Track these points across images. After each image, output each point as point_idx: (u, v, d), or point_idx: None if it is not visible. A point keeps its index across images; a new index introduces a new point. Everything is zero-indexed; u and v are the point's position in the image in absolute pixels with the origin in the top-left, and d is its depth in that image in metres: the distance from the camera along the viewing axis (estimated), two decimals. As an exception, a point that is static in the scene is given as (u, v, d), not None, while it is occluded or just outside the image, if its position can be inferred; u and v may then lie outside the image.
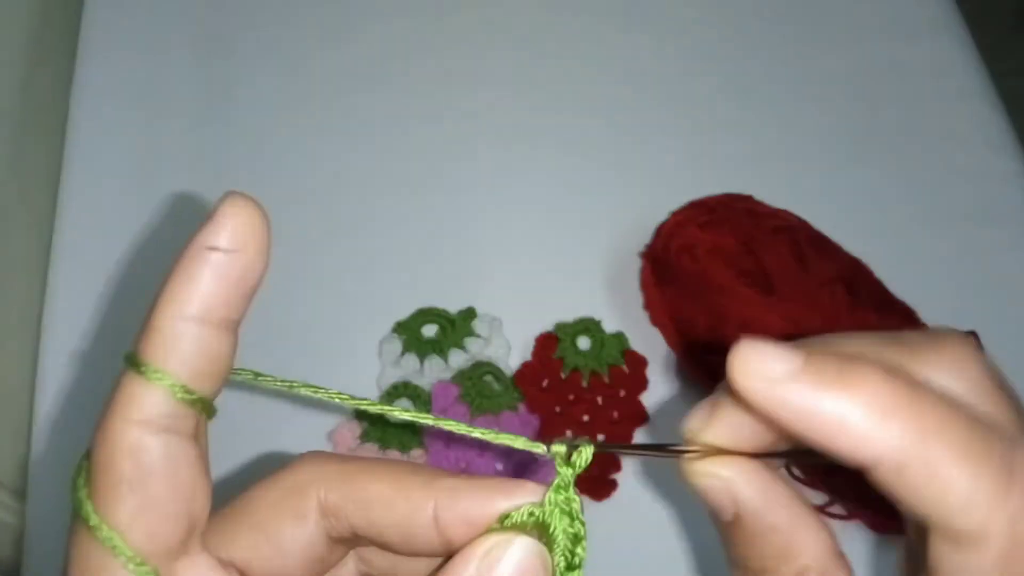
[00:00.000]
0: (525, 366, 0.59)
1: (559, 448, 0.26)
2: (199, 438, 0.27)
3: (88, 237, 0.65)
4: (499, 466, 0.55)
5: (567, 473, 0.26)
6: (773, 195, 0.60)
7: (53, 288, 0.63)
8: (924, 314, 0.57)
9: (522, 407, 0.57)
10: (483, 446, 0.56)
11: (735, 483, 0.26)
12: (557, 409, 0.57)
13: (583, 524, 0.26)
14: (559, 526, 0.25)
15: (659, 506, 0.56)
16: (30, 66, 0.69)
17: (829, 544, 0.26)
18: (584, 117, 0.71)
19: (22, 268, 0.64)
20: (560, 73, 0.73)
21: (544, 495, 0.26)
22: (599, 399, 0.58)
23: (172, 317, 0.26)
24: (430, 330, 0.61)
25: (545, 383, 0.58)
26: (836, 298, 0.54)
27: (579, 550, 0.26)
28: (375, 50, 0.74)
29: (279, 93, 0.72)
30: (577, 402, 0.58)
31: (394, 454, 0.56)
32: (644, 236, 0.62)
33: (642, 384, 0.59)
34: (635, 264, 0.62)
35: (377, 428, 0.57)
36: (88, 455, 0.26)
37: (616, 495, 0.56)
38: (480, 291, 0.62)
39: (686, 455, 0.26)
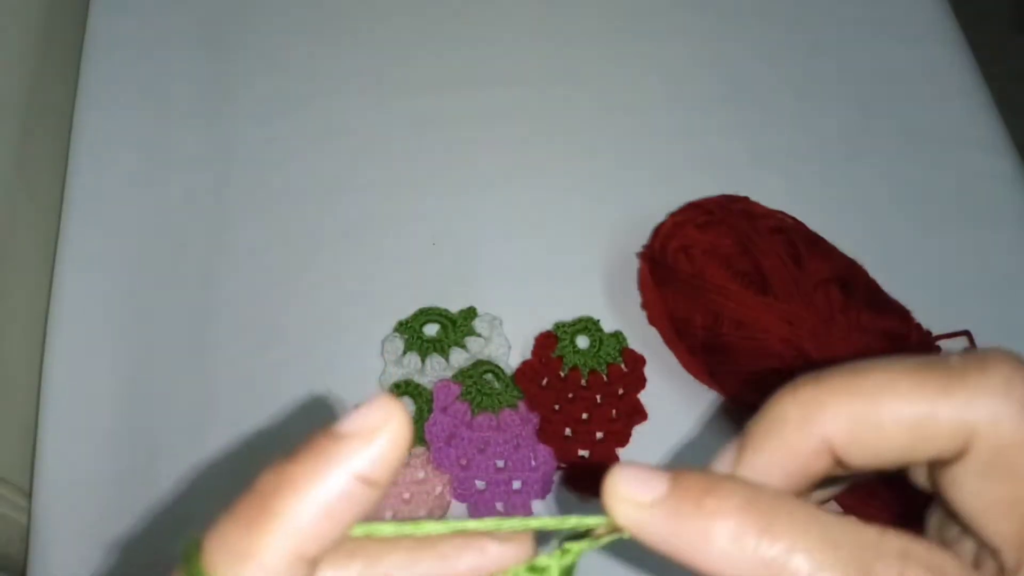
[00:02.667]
0: (525, 365, 0.59)
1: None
2: None
3: (94, 236, 0.66)
4: (500, 463, 0.56)
5: (575, 554, 0.23)
6: (769, 196, 0.61)
7: (59, 287, 0.64)
8: (919, 315, 0.58)
9: (522, 405, 0.58)
10: (484, 443, 0.56)
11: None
12: (556, 407, 0.58)
13: None
14: None
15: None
16: (36, 66, 0.69)
17: None
18: (582, 118, 0.71)
19: (28, 267, 0.65)
20: (559, 75, 0.73)
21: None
22: (598, 397, 0.59)
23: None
24: (431, 329, 0.61)
25: (545, 381, 0.59)
26: (831, 298, 0.54)
27: None
28: (377, 51, 0.74)
29: (283, 92, 0.72)
30: (576, 400, 0.58)
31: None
32: (642, 237, 0.62)
33: (640, 382, 0.60)
34: (633, 264, 0.63)
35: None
36: None
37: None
38: (480, 291, 0.63)
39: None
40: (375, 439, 0.20)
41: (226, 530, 0.20)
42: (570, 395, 0.59)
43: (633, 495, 0.22)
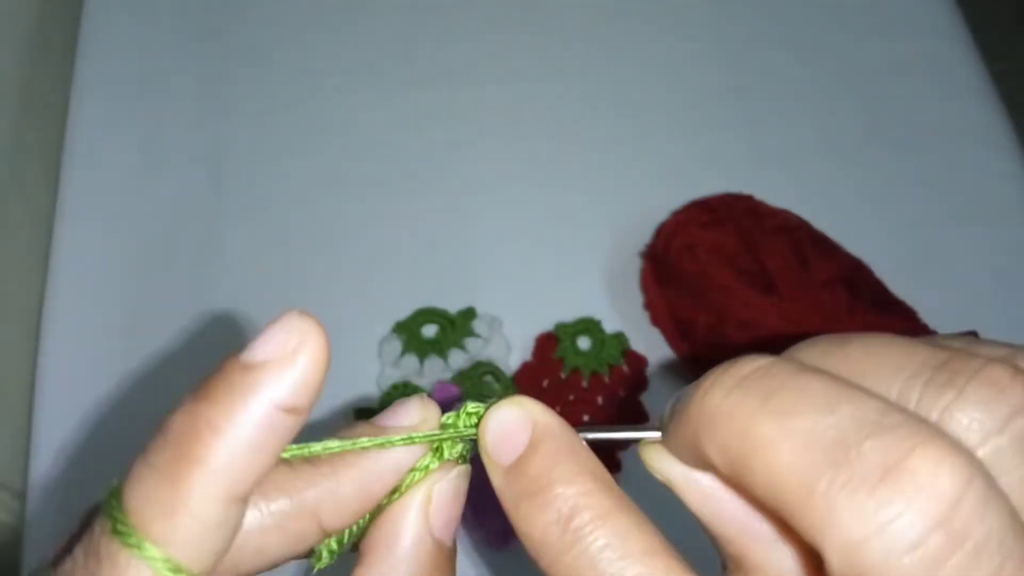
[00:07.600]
0: (525, 366, 0.59)
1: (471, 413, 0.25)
2: None
3: (88, 236, 0.65)
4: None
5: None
6: (774, 195, 0.60)
7: (53, 288, 0.63)
8: (924, 314, 0.57)
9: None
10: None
11: (675, 484, 0.23)
12: (557, 409, 0.57)
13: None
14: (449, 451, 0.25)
15: (660, 510, 0.56)
16: (30, 63, 0.69)
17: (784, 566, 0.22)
18: (585, 116, 0.71)
19: (22, 267, 0.64)
20: (561, 72, 0.72)
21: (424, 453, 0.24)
22: (599, 399, 0.58)
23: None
24: (430, 330, 0.61)
25: (545, 383, 0.58)
26: (836, 298, 0.54)
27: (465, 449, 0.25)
28: (375, 47, 0.74)
29: (279, 89, 0.71)
30: (577, 402, 0.58)
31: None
32: (645, 236, 0.62)
33: (642, 384, 0.59)
34: (636, 264, 0.62)
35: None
36: None
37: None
38: (480, 291, 0.62)
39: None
40: (292, 364, 0.19)
41: (149, 483, 0.18)
42: (571, 397, 0.58)
43: (492, 454, 0.22)
